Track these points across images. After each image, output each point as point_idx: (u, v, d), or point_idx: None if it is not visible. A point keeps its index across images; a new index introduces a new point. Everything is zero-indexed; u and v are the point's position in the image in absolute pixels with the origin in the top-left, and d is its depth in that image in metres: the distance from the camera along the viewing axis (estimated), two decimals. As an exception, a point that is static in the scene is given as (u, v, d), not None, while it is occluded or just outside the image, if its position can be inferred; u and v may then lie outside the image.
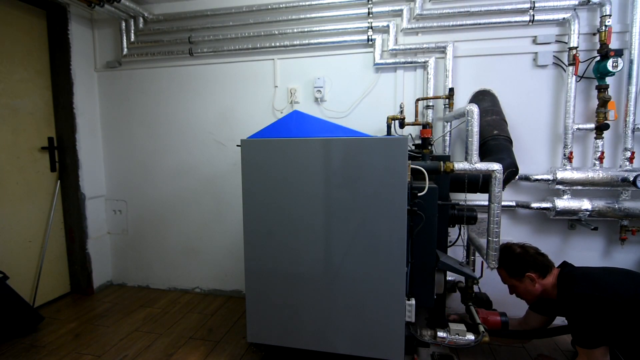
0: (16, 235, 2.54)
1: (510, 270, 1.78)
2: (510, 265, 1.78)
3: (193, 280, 2.99)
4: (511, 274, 1.78)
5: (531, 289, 1.74)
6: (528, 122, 2.35)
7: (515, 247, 1.80)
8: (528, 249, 1.78)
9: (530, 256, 1.74)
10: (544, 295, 1.74)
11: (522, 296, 1.82)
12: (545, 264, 1.72)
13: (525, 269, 1.72)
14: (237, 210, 2.79)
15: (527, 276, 1.72)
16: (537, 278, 1.71)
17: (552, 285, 1.69)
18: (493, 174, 1.70)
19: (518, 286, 1.78)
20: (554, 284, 1.69)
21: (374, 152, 1.58)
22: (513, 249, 1.79)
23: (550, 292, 1.71)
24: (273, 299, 1.77)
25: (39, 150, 2.69)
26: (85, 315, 2.58)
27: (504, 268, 1.80)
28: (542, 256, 1.75)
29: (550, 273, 1.71)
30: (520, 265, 1.74)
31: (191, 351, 2.14)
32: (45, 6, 2.70)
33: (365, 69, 2.53)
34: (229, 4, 2.62)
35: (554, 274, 1.71)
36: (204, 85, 2.80)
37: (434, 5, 2.39)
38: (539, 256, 1.74)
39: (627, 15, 2.19)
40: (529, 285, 1.74)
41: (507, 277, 1.82)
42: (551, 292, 1.71)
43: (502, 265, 1.80)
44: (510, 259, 1.78)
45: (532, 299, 1.79)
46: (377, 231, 1.62)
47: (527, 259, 1.73)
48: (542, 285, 1.71)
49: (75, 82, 2.78)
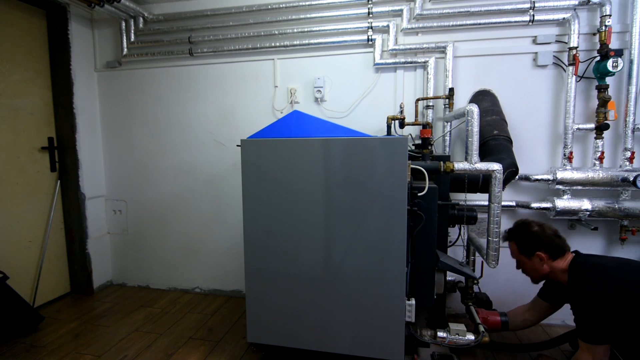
0: (16, 235, 2.53)
1: (521, 245, 1.75)
2: (522, 241, 1.74)
3: (193, 280, 2.99)
4: (521, 250, 1.75)
5: (538, 268, 1.71)
6: (528, 122, 2.35)
7: (533, 224, 1.75)
8: (546, 228, 1.73)
9: (546, 236, 1.69)
10: (551, 276, 1.72)
11: (528, 273, 1.79)
12: (560, 246, 1.68)
13: (536, 247, 1.69)
14: (237, 210, 2.79)
15: (536, 255, 1.69)
16: (547, 259, 1.68)
17: (562, 270, 1.67)
18: (493, 174, 1.70)
19: (526, 262, 1.76)
20: (564, 269, 1.66)
21: (374, 152, 1.58)
22: (531, 225, 1.74)
23: (559, 276, 1.68)
24: (273, 299, 1.77)
25: (39, 150, 2.69)
26: (85, 315, 2.58)
27: (516, 242, 1.77)
28: (559, 238, 1.70)
29: (563, 257, 1.68)
30: (532, 243, 1.71)
31: (191, 351, 2.14)
32: (45, 6, 2.70)
33: (365, 69, 2.53)
34: (229, 4, 2.62)
35: (567, 259, 1.67)
36: (204, 85, 2.80)
37: (434, 5, 2.39)
38: (555, 238, 1.69)
39: (627, 15, 2.19)
40: (536, 264, 1.71)
41: (516, 252, 1.78)
42: (560, 276, 1.68)
43: (514, 239, 1.77)
44: (524, 235, 1.74)
45: (538, 277, 1.76)
46: (377, 231, 1.61)
47: (542, 239, 1.69)
48: (551, 267, 1.68)
49: (75, 82, 2.78)
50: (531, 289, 2.43)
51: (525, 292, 2.45)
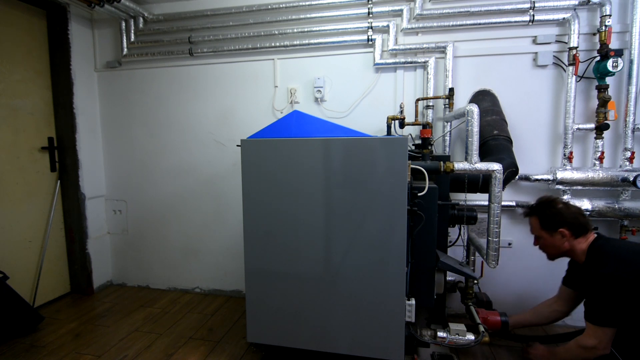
0: (16, 235, 2.53)
1: (544, 221, 1.73)
2: (545, 217, 1.72)
3: (193, 280, 2.99)
4: (543, 225, 1.73)
5: (559, 245, 1.70)
6: (528, 122, 2.35)
7: (558, 201, 1.74)
8: (571, 206, 1.71)
9: (571, 214, 1.68)
10: (569, 254, 1.71)
11: (545, 249, 1.78)
12: (584, 224, 1.66)
13: (560, 224, 1.68)
14: (237, 210, 2.79)
15: (559, 231, 1.68)
16: (570, 236, 1.67)
17: (581, 250, 1.66)
18: (493, 174, 1.70)
19: (546, 239, 1.74)
20: (583, 250, 1.65)
21: (374, 152, 1.58)
22: (556, 202, 1.73)
23: (578, 255, 1.68)
24: (273, 299, 1.77)
25: (39, 150, 2.69)
26: (85, 315, 2.58)
27: (538, 218, 1.75)
28: (583, 217, 1.68)
29: (585, 236, 1.66)
30: (556, 220, 1.69)
31: (191, 351, 2.14)
32: (45, 6, 2.70)
33: (365, 69, 2.53)
34: (229, 4, 2.62)
35: (588, 239, 1.66)
36: (204, 85, 2.80)
37: (434, 5, 2.39)
38: (580, 216, 1.68)
39: (627, 15, 2.19)
40: (557, 241, 1.70)
41: (537, 228, 1.76)
42: (579, 256, 1.67)
43: (537, 215, 1.75)
44: (548, 211, 1.72)
45: (555, 253, 1.75)
46: (377, 231, 1.61)
47: (566, 216, 1.67)
48: (572, 245, 1.67)
49: (75, 82, 2.78)
50: (531, 289, 2.44)
51: (526, 292, 2.47)
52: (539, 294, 2.42)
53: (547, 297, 2.03)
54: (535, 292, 2.44)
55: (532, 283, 2.44)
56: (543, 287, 2.41)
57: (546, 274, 2.40)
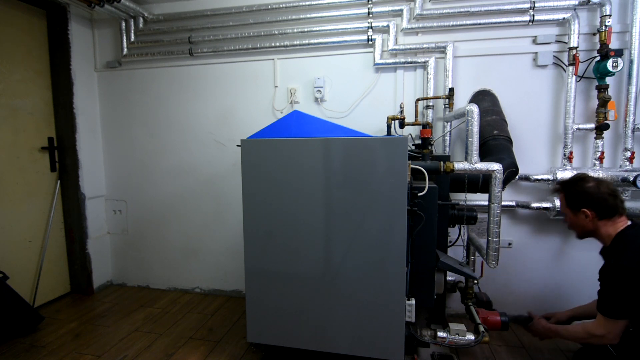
0: (16, 235, 2.54)
1: (569, 198, 1.68)
2: (571, 194, 1.67)
3: (193, 280, 2.99)
4: (568, 203, 1.69)
5: (583, 224, 1.65)
6: (528, 122, 2.35)
7: (590, 179, 1.65)
8: (602, 186, 1.61)
9: (599, 194, 1.58)
10: (596, 236, 1.66)
11: (572, 227, 1.74)
12: (612, 207, 1.57)
13: (584, 204, 1.61)
14: (237, 210, 2.79)
15: (582, 211, 1.62)
16: (593, 217, 1.60)
17: (607, 234, 1.60)
18: (493, 174, 1.70)
19: (570, 217, 1.70)
20: (610, 234, 1.60)
21: (374, 152, 1.58)
22: (586, 180, 1.66)
23: (604, 238, 1.62)
24: (273, 299, 1.77)
25: (39, 150, 2.69)
26: (85, 315, 2.58)
27: (565, 194, 1.70)
28: (614, 198, 1.57)
29: (613, 220, 1.58)
30: (581, 198, 1.62)
31: (191, 351, 2.14)
32: (45, 6, 2.70)
33: (365, 69, 2.53)
34: (229, 4, 2.62)
35: (617, 224, 1.58)
36: (204, 85, 2.80)
37: (434, 5, 2.39)
38: (610, 197, 1.57)
39: (627, 15, 2.19)
40: (581, 220, 1.65)
41: (563, 205, 1.72)
42: (604, 239, 1.62)
43: (565, 191, 1.70)
44: (575, 188, 1.67)
45: (581, 233, 1.70)
46: (377, 231, 1.61)
47: (593, 196, 1.60)
48: (597, 226, 1.61)
49: (75, 82, 2.78)
50: (531, 289, 2.44)
51: (526, 292, 2.46)
52: (539, 294, 2.43)
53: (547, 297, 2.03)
54: (535, 292, 2.44)
55: (532, 283, 2.44)
56: (543, 287, 2.42)
57: (546, 274, 2.40)
